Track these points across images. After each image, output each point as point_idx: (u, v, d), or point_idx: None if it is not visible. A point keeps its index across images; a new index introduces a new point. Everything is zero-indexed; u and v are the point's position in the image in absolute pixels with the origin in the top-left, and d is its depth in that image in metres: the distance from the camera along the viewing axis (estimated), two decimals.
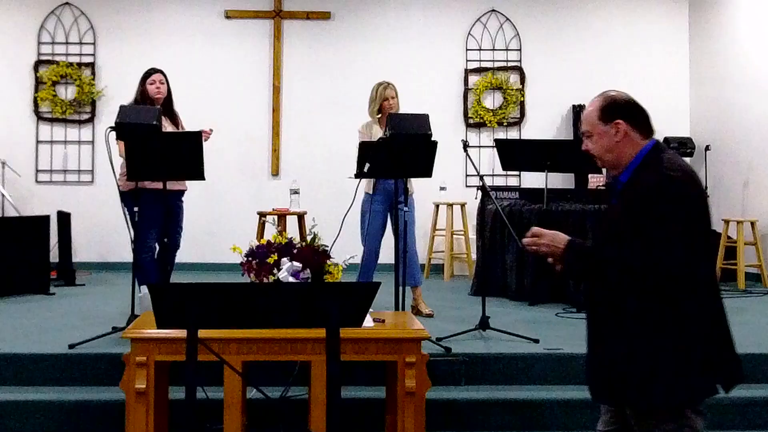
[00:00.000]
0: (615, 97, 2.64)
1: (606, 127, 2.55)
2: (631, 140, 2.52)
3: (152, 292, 2.64)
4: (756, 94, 7.76)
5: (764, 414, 4.14)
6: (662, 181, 2.39)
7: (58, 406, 3.96)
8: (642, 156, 2.50)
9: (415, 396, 3.44)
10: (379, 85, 5.63)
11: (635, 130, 2.53)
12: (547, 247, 2.55)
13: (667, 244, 2.33)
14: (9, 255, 6.42)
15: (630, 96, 2.65)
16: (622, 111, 2.57)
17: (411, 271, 5.47)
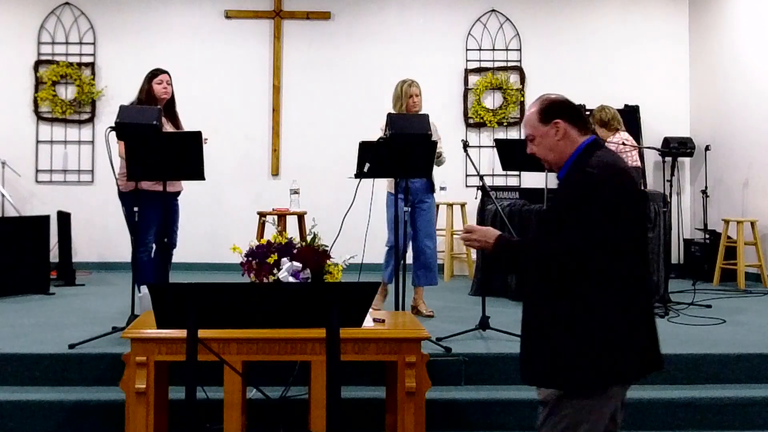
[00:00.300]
0: (552, 98, 2.75)
1: (546, 128, 2.66)
2: (570, 138, 2.64)
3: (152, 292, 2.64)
4: (756, 94, 7.76)
5: (764, 414, 4.14)
6: (582, 178, 2.52)
7: (58, 406, 3.96)
8: (578, 153, 2.62)
9: (415, 396, 3.44)
10: (404, 83, 5.59)
11: (573, 128, 2.64)
12: (479, 242, 2.69)
13: (583, 238, 2.44)
14: (9, 255, 6.42)
15: (565, 97, 2.77)
16: (560, 111, 2.68)
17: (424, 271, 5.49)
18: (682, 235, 8.13)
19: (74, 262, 7.57)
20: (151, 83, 5.31)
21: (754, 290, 7.14)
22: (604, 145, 2.68)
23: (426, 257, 5.52)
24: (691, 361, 4.38)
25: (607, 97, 8.68)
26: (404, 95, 5.53)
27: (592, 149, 2.61)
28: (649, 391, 4.22)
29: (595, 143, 2.64)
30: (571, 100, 2.77)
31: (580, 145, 2.63)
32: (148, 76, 5.35)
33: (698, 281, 7.35)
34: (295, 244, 3.88)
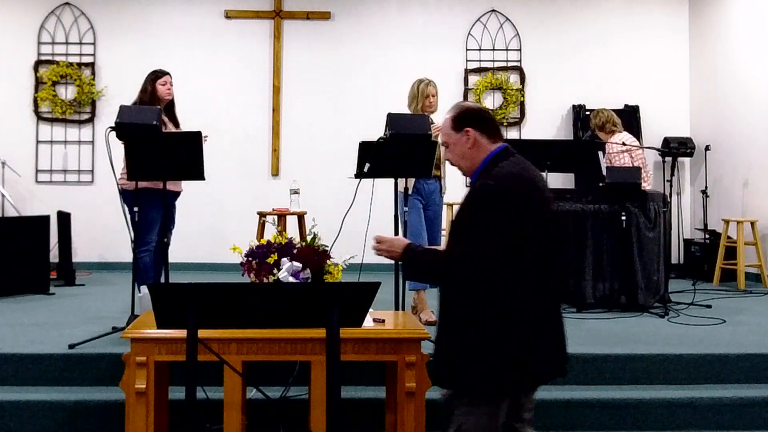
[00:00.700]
0: (465, 106, 2.81)
1: (458, 135, 2.72)
2: (480, 146, 2.71)
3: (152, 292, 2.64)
4: (756, 94, 7.76)
5: (764, 414, 4.14)
6: (481, 188, 2.60)
7: (58, 406, 3.96)
8: (487, 161, 2.70)
9: (415, 396, 3.44)
10: (420, 82, 5.44)
11: (484, 136, 2.71)
12: (388, 252, 2.77)
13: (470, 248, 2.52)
14: (9, 255, 6.42)
15: (480, 105, 2.83)
16: (471, 119, 2.73)
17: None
18: (682, 235, 8.13)
19: (74, 262, 7.57)
20: (154, 84, 5.30)
21: (754, 290, 7.14)
22: (515, 153, 2.74)
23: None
24: (691, 361, 4.38)
25: (607, 97, 8.71)
26: (421, 95, 5.40)
27: (500, 158, 2.68)
28: (648, 391, 4.22)
29: (504, 152, 2.71)
30: (485, 109, 2.85)
31: (490, 153, 2.70)
32: (151, 77, 5.34)
33: (698, 281, 7.35)
34: (295, 244, 3.88)
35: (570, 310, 5.86)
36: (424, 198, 5.42)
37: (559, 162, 5.93)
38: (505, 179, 2.60)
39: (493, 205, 2.54)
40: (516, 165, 2.68)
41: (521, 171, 2.67)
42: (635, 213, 6.05)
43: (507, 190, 2.56)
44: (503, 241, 2.52)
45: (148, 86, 5.32)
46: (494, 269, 2.52)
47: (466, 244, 2.54)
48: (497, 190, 2.56)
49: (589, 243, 6.11)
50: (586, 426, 4.08)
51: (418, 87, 5.45)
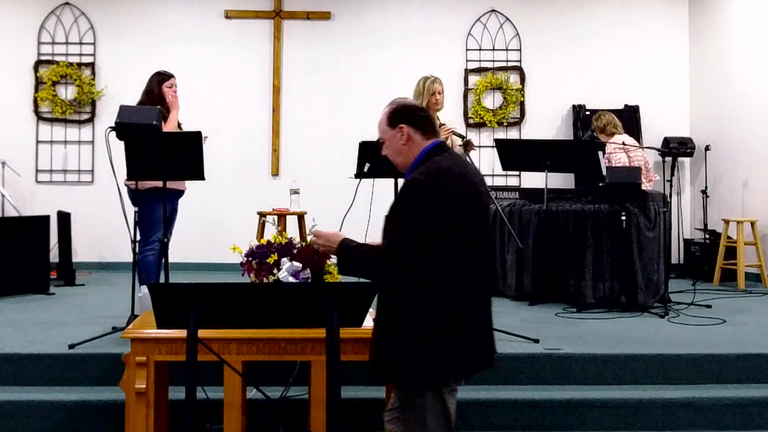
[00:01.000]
0: (399, 103, 2.87)
1: (393, 132, 2.80)
2: (414, 142, 2.78)
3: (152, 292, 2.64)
4: (756, 94, 7.76)
5: (764, 414, 4.14)
6: (410, 183, 2.67)
7: (58, 406, 3.96)
8: (421, 156, 2.77)
9: None
10: (426, 79, 5.37)
11: (417, 132, 2.78)
12: (324, 246, 2.86)
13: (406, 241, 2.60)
14: (9, 255, 6.42)
15: (414, 102, 2.92)
16: (405, 116, 2.80)
17: None
18: (682, 235, 8.13)
19: (74, 262, 7.57)
20: (161, 87, 5.32)
21: (754, 290, 7.14)
22: (448, 150, 2.81)
23: None
24: (691, 361, 4.38)
25: (607, 97, 8.71)
26: (426, 92, 5.33)
27: (432, 154, 2.75)
28: (649, 391, 4.22)
29: (438, 147, 2.77)
30: (419, 106, 2.90)
31: (423, 149, 2.77)
32: (158, 79, 5.36)
33: (698, 281, 7.36)
34: (295, 244, 3.88)
35: (570, 310, 5.86)
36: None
37: (559, 162, 5.92)
38: (435, 174, 2.66)
39: (422, 199, 2.60)
40: (447, 160, 2.74)
41: (452, 166, 2.73)
42: (635, 213, 6.05)
43: (435, 185, 2.63)
44: (432, 235, 2.59)
45: (155, 89, 5.33)
46: (424, 262, 2.59)
47: (397, 237, 2.61)
48: (426, 184, 2.63)
49: (589, 243, 6.11)
50: (586, 426, 4.08)
51: (423, 84, 5.38)
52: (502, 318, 5.43)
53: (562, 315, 5.71)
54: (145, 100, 5.31)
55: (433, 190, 2.62)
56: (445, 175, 2.67)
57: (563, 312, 5.81)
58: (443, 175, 2.67)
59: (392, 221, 2.68)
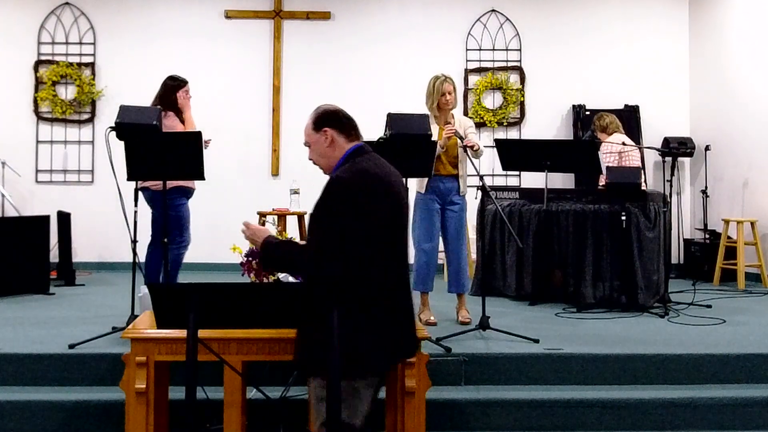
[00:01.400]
0: (324, 108, 3.02)
1: (318, 135, 2.97)
2: (337, 145, 2.94)
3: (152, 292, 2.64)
4: (756, 94, 7.76)
5: (764, 414, 4.14)
6: (332, 182, 2.80)
7: (58, 406, 3.96)
8: (343, 158, 2.92)
9: (415, 396, 3.44)
10: (436, 79, 5.34)
11: (341, 135, 2.94)
12: (250, 239, 3.01)
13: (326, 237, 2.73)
14: (9, 255, 6.42)
15: (338, 107, 3.02)
16: (329, 120, 2.96)
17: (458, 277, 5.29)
18: (682, 235, 8.13)
19: (74, 262, 7.57)
20: (175, 92, 5.40)
21: (754, 290, 7.14)
22: (370, 151, 2.94)
23: (455, 263, 5.33)
24: (691, 361, 4.38)
25: (607, 97, 8.71)
26: (436, 92, 5.31)
27: (354, 155, 2.90)
28: (649, 391, 4.22)
29: (359, 150, 2.92)
30: (343, 111, 3.02)
31: (346, 151, 2.93)
32: (173, 84, 5.42)
33: (698, 281, 7.36)
34: None
35: (570, 310, 5.86)
36: (441, 197, 5.31)
37: (559, 162, 5.92)
38: (355, 173, 2.81)
39: (343, 197, 2.74)
40: (368, 161, 2.88)
41: (371, 167, 2.86)
42: (635, 213, 6.05)
43: (355, 184, 2.77)
44: (352, 231, 2.72)
45: (171, 94, 5.40)
46: (345, 258, 2.71)
47: (318, 234, 2.75)
48: (347, 183, 2.77)
49: (589, 243, 6.11)
50: (586, 426, 4.08)
51: (434, 84, 5.35)
52: (502, 318, 5.43)
53: (562, 315, 5.71)
54: (159, 103, 5.35)
55: (353, 189, 2.76)
56: (364, 175, 2.81)
57: (563, 312, 5.81)
58: (363, 175, 2.81)
59: (315, 218, 2.80)
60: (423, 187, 5.29)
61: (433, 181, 5.27)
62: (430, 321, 5.23)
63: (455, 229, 5.34)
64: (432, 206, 5.29)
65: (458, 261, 5.32)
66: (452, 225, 5.34)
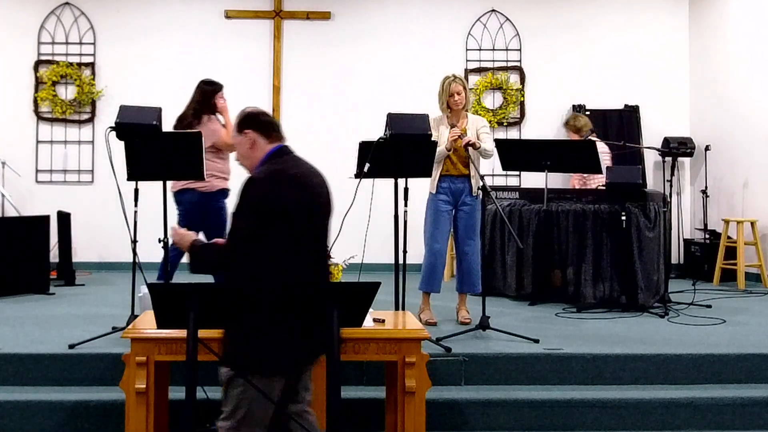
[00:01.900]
0: (246, 111, 3.08)
1: (240, 137, 3.03)
2: (258, 146, 3.00)
3: (152, 292, 2.64)
4: (756, 94, 7.76)
5: (764, 414, 4.14)
6: (246, 182, 2.86)
7: (58, 406, 3.96)
8: (264, 159, 2.98)
9: (415, 396, 3.44)
10: (446, 79, 5.32)
11: (261, 137, 3.00)
12: (178, 243, 3.01)
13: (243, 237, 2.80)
14: (9, 255, 6.42)
15: (260, 109, 3.11)
16: (250, 122, 3.02)
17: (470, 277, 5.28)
18: (682, 235, 8.13)
19: (74, 262, 7.57)
20: (213, 97, 5.46)
21: (754, 290, 7.14)
22: (291, 152, 3.04)
23: (465, 263, 5.31)
24: (691, 361, 4.39)
25: (607, 97, 8.72)
26: (444, 92, 5.29)
27: (274, 157, 2.97)
28: (649, 391, 4.22)
29: (279, 151, 3.00)
30: (264, 112, 3.11)
31: (267, 152, 2.99)
32: (211, 89, 5.48)
33: (698, 281, 7.35)
34: None
35: (570, 310, 5.86)
36: (453, 198, 5.30)
37: (559, 162, 5.92)
38: (268, 175, 2.89)
39: (257, 198, 2.81)
40: (285, 163, 2.97)
41: (288, 168, 2.95)
42: (635, 213, 6.06)
43: (269, 184, 2.85)
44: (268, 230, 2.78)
45: (205, 97, 5.44)
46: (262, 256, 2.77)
47: (236, 234, 2.81)
48: (261, 183, 2.85)
49: (589, 243, 6.11)
50: (586, 426, 4.08)
51: (443, 84, 5.33)
52: (502, 318, 5.44)
53: (562, 315, 5.71)
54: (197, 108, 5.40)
55: (265, 189, 2.83)
56: (278, 175, 2.89)
57: (563, 312, 5.81)
58: (276, 175, 2.89)
59: (232, 219, 2.86)
60: (434, 188, 5.29)
61: (444, 182, 5.27)
62: (430, 321, 5.23)
63: (465, 229, 5.32)
64: (442, 207, 5.28)
65: (468, 261, 5.30)
66: (462, 225, 5.33)
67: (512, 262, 6.49)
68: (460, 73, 8.69)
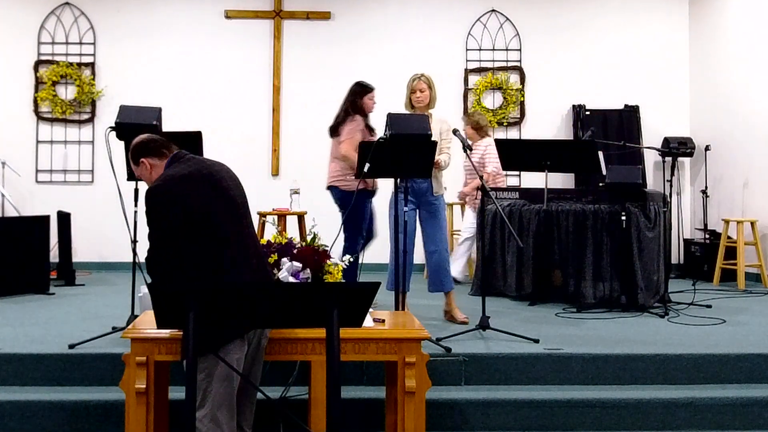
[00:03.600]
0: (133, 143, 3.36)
1: (139, 168, 3.33)
2: (156, 168, 3.28)
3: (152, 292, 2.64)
4: (756, 94, 7.76)
5: (764, 414, 4.14)
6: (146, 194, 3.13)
7: (58, 406, 3.96)
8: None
9: (415, 396, 3.44)
10: (413, 76, 5.39)
11: (155, 159, 3.29)
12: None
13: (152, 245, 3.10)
14: (9, 255, 6.42)
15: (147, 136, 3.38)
16: (140, 151, 3.31)
17: (439, 276, 5.28)
18: (682, 235, 8.13)
19: (74, 262, 7.57)
20: (363, 98, 5.67)
21: (754, 290, 7.14)
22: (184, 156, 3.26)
23: (433, 262, 5.31)
24: (691, 361, 4.38)
25: (607, 97, 8.72)
26: (408, 89, 5.36)
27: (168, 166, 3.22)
28: (649, 391, 4.22)
29: (172, 160, 3.25)
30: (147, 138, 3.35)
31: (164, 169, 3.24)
32: (359, 90, 5.73)
33: (698, 281, 7.36)
34: (295, 244, 3.88)
35: (570, 310, 5.86)
36: (416, 198, 5.28)
37: (559, 162, 5.92)
38: (160, 182, 3.16)
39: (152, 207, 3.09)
40: (177, 167, 3.20)
41: (179, 171, 3.17)
42: (635, 213, 6.05)
43: (159, 192, 3.10)
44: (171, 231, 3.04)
45: (358, 100, 5.68)
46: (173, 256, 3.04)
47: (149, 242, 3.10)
48: (151, 192, 3.11)
49: (589, 243, 6.11)
50: (586, 426, 4.08)
51: (409, 82, 5.40)
52: (502, 318, 5.43)
53: (562, 315, 5.71)
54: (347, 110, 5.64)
55: (158, 195, 3.09)
56: (168, 180, 3.13)
57: (563, 312, 5.81)
58: (167, 180, 3.13)
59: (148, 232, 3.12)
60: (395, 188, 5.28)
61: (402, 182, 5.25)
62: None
63: (429, 229, 5.31)
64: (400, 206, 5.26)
65: (436, 260, 5.28)
66: (426, 225, 5.32)
67: (512, 262, 6.49)
68: (461, 72, 8.80)
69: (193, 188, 3.11)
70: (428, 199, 5.30)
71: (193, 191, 3.10)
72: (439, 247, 5.32)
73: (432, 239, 5.33)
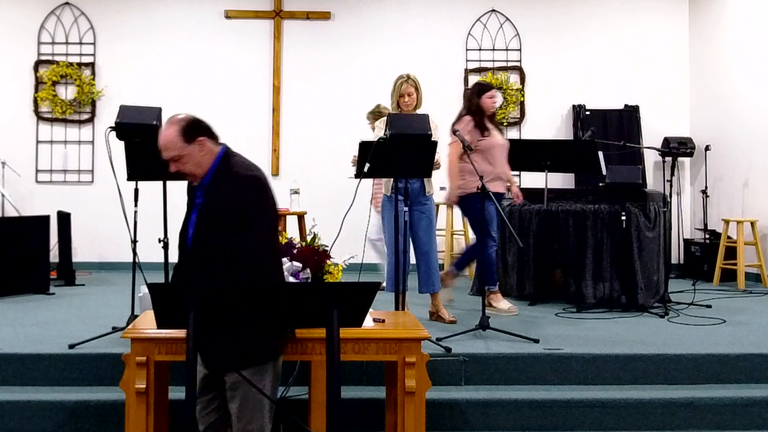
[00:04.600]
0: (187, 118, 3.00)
1: (192, 146, 2.96)
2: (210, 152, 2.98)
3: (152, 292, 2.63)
4: (756, 94, 7.76)
5: (764, 414, 4.14)
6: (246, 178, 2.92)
7: (58, 406, 3.96)
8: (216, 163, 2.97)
9: (415, 396, 3.44)
10: (399, 79, 5.34)
11: (212, 141, 3.00)
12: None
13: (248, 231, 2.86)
14: (9, 255, 6.42)
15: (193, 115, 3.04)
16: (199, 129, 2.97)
17: (429, 277, 5.27)
18: (682, 235, 8.13)
19: (74, 262, 7.57)
20: (481, 97, 5.60)
21: (754, 290, 7.14)
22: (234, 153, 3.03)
23: (424, 264, 5.30)
24: (691, 361, 4.38)
25: (607, 97, 8.72)
26: (396, 92, 5.33)
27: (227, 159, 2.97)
28: (649, 391, 4.22)
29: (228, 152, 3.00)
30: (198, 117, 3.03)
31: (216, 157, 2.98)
32: (477, 89, 5.68)
33: (698, 281, 7.36)
34: (295, 244, 3.88)
35: (570, 310, 5.86)
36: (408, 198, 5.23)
37: (559, 162, 5.93)
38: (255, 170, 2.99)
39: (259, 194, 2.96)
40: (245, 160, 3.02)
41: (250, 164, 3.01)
42: (635, 213, 6.05)
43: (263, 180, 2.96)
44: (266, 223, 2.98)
45: (475, 99, 5.61)
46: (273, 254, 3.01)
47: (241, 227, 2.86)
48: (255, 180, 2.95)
49: (589, 243, 6.11)
50: (586, 426, 4.08)
51: (395, 84, 5.35)
52: (502, 318, 5.43)
53: (562, 315, 5.71)
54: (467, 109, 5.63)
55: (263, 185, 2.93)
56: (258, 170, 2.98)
57: (563, 312, 5.81)
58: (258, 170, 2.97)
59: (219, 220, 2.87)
60: (388, 189, 5.26)
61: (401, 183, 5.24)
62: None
63: (423, 230, 5.30)
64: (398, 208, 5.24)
65: (427, 261, 5.27)
66: (420, 226, 5.29)
67: (513, 262, 6.49)
68: (461, 72, 8.80)
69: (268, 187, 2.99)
70: (420, 200, 5.29)
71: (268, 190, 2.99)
72: (429, 247, 5.31)
73: (423, 240, 5.31)
